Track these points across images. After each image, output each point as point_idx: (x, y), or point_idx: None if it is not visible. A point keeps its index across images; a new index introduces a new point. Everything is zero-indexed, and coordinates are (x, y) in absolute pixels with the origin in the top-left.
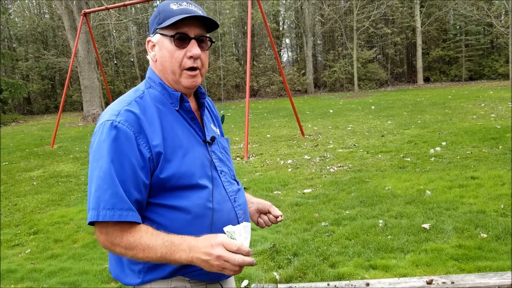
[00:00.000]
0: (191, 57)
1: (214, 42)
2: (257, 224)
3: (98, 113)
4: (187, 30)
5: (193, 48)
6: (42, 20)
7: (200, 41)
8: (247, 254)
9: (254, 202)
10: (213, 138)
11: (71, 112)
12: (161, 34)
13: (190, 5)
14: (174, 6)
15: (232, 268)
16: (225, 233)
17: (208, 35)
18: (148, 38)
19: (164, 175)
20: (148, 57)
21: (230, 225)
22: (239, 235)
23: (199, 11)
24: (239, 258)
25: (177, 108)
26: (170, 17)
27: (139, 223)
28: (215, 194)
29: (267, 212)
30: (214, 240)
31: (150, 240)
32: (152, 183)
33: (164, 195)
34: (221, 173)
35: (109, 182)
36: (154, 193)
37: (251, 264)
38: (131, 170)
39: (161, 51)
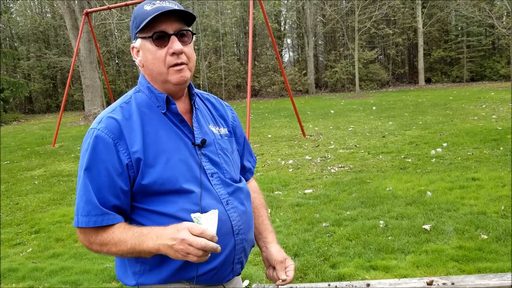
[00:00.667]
0: (173, 53)
1: (195, 34)
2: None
3: (99, 112)
4: (165, 27)
5: (174, 44)
6: (44, 19)
7: (181, 36)
8: (211, 239)
9: (268, 247)
10: (203, 141)
11: (72, 111)
12: (141, 37)
13: (164, 1)
14: (148, 7)
15: (196, 252)
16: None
17: (189, 28)
18: (131, 45)
19: (146, 181)
20: (136, 63)
21: (198, 213)
22: (205, 220)
23: (174, 6)
24: (202, 241)
25: (163, 111)
26: (145, 18)
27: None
28: (203, 197)
29: (273, 266)
30: (180, 226)
31: (121, 234)
32: (136, 190)
33: (151, 200)
34: (212, 176)
35: (84, 190)
36: (140, 198)
37: (214, 250)
38: (107, 177)
39: (144, 54)
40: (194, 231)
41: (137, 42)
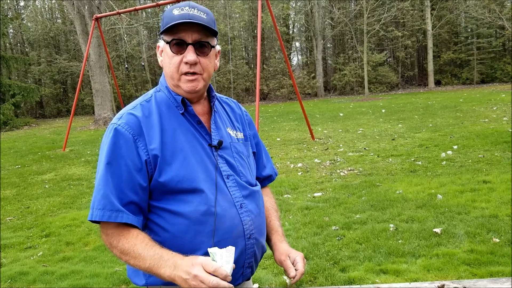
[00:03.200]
0: (187, 62)
1: (213, 46)
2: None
3: (109, 117)
4: (184, 35)
5: (188, 54)
6: (54, 24)
7: (200, 46)
8: (224, 278)
9: (278, 249)
10: (220, 142)
11: (82, 116)
12: (163, 40)
13: (193, 9)
14: (176, 12)
15: None
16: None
17: (208, 41)
18: (157, 44)
19: (163, 178)
20: (158, 61)
21: (216, 247)
22: (220, 257)
23: (202, 15)
24: (214, 280)
25: (182, 111)
26: (169, 23)
27: (136, 227)
28: (217, 199)
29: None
30: (195, 260)
31: (142, 250)
32: (153, 187)
33: (166, 198)
34: (227, 178)
35: (102, 184)
36: (156, 196)
37: None
38: (127, 172)
39: (164, 56)
40: (208, 268)
41: (161, 43)
